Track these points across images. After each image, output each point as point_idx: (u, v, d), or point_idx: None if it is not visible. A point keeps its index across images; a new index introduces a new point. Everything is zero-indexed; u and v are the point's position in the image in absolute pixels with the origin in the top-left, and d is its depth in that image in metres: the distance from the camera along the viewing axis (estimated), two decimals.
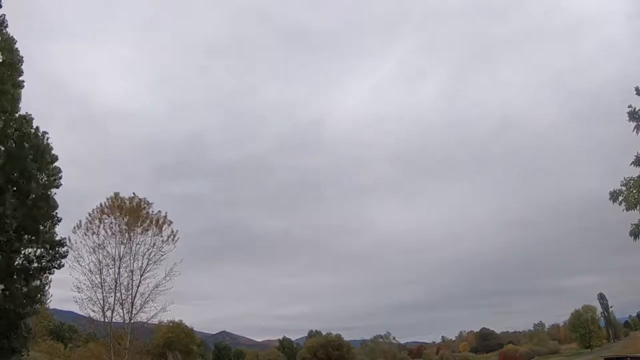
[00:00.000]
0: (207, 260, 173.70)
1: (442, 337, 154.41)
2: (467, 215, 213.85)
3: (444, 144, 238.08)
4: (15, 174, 16.44)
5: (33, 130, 17.55)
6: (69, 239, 26.55)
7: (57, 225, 18.77)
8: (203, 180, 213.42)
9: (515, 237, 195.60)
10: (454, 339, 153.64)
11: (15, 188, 16.54)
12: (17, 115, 17.05)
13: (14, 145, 16.75)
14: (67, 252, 19.87)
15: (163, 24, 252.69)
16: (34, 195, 17.08)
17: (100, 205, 29.55)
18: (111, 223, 29.08)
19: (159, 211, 30.60)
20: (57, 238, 18.78)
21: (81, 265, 27.59)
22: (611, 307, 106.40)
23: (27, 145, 17.09)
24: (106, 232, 28.88)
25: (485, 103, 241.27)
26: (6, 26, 16.60)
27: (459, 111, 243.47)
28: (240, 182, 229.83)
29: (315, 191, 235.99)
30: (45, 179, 18.07)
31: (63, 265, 19.00)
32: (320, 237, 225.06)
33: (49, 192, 18.16)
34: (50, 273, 18.30)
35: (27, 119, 17.41)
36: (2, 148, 16.40)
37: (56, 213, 18.63)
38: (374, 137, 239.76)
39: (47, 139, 17.96)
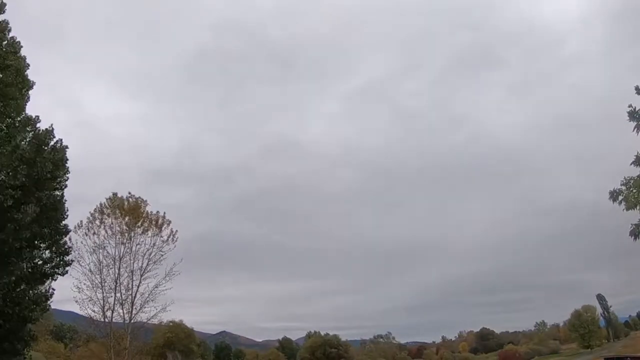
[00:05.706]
0: (206, 262, 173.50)
1: (442, 337, 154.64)
2: (458, 217, 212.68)
3: (429, 151, 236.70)
4: (29, 182, 16.17)
5: (53, 142, 17.45)
6: (70, 239, 27.20)
7: (65, 235, 18.73)
8: (194, 185, 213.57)
9: (514, 238, 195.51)
10: (453, 339, 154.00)
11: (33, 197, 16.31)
12: (21, 117, 16.95)
13: (27, 151, 16.51)
14: (72, 261, 19.76)
15: (159, 32, 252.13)
16: (45, 204, 16.93)
17: (100, 205, 29.63)
18: (111, 223, 29.15)
19: (157, 211, 30.80)
20: (65, 247, 18.73)
21: (81, 266, 27.62)
22: (611, 307, 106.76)
23: (44, 155, 16.89)
24: (106, 232, 28.97)
25: (465, 109, 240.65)
26: (9, 31, 16.61)
27: (442, 116, 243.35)
28: (232, 186, 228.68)
29: (306, 196, 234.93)
30: (58, 186, 17.98)
31: (67, 272, 18.92)
32: (316, 240, 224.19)
33: (61, 201, 18.09)
34: (54, 279, 18.22)
35: (32, 121, 17.27)
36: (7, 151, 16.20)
37: (66, 224, 18.60)
38: (355, 144, 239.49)
39: (66, 152, 17.77)
